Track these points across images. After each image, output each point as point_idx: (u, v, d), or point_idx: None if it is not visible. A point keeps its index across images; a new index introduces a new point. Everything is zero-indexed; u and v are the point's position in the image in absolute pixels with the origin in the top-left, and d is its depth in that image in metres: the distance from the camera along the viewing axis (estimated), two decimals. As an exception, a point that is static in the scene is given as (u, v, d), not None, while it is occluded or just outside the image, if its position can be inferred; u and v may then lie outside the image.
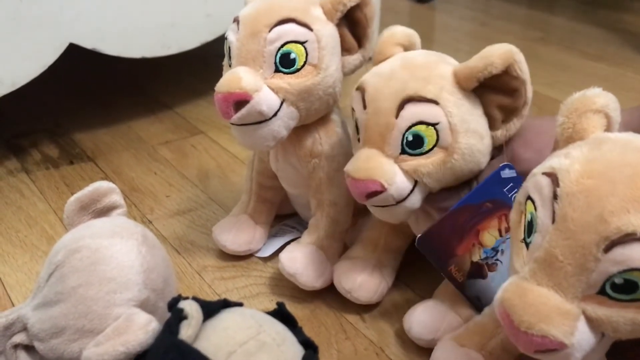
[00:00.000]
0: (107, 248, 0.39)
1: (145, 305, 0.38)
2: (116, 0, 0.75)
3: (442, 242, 0.47)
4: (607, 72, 1.06)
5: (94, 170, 0.76)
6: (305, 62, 0.49)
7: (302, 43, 0.48)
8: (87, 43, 0.74)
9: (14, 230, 0.64)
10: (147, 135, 0.84)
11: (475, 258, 0.46)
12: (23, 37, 0.70)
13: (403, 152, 0.44)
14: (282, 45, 0.48)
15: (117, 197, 0.44)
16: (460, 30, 1.30)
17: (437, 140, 0.43)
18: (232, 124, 0.49)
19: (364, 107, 0.45)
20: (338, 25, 0.51)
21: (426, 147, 0.43)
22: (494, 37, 1.19)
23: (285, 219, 0.65)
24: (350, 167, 0.45)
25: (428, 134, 0.43)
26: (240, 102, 0.47)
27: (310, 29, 0.49)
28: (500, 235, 0.46)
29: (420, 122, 0.43)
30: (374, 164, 0.44)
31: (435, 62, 0.45)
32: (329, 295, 0.54)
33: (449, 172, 0.44)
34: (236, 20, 0.50)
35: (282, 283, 0.56)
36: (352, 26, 0.52)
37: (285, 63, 0.48)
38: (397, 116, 0.43)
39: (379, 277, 0.52)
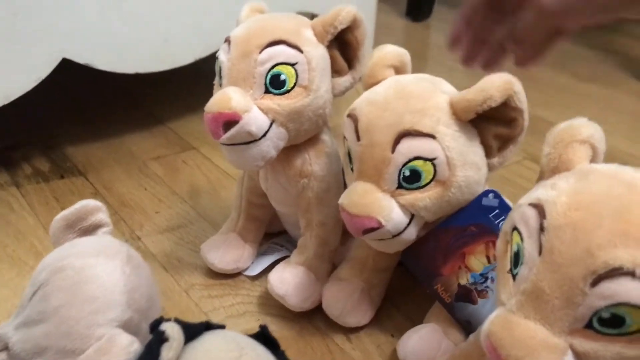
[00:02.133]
0: (90, 267, 0.38)
1: (128, 326, 0.38)
2: (110, 16, 0.75)
3: (427, 260, 0.47)
4: (600, 94, 1.06)
5: (84, 185, 0.76)
6: (295, 84, 0.49)
7: (292, 65, 0.48)
8: (80, 58, 0.74)
9: (1, 245, 0.64)
10: (139, 150, 0.84)
11: (463, 281, 0.46)
12: (17, 51, 0.70)
13: (399, 186, 0.43)
14: (273, 67, 0.48)
15: (103, 216, 0.44)
16: (454, 50, 1.31)
17: (435, 174, 0.43)
18: (222, 143, 0.49)
19: (358, 137, 0.44)
20: (329, 47, 0.51)
21: (423, 182, 0.43)
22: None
23: (274, 236, 0.65)
24: (345, 201, 0.44)
25: (425, 169, 0.43)
26: (230, 122, 0.47)
27: (301, 51, 0.49)
28: (489, 262, 0.45)
29: (418, 158, 0.42)
30: (370, 199, 0.43)
31: (430, 91, 0.44)
32: (316, 315, 0.54)
33: (446, 204, 0.44)
34: (227, 41, 0.51)
35: (269, 302, 0.56)
36: (343, 48, 0.52)
37: (275, 84, 0.49)
38: (393, 150, 0.42)
39: (368, 300, 0.52)
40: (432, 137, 0.42)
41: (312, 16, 1.02)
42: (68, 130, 0.89)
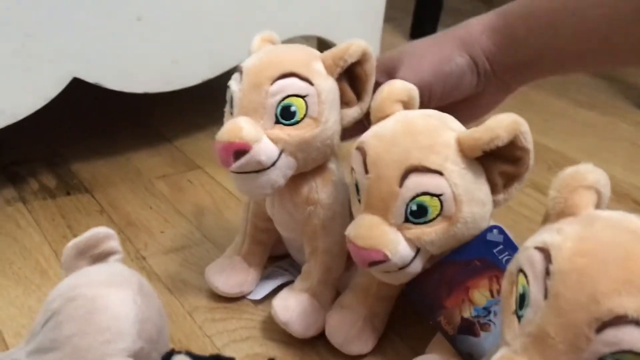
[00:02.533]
0: (103, 297, 0.39)
1: (138, 356, 0.38)
2: (120, 36, 0.76)
3: (430, 293, 0.48)
4: (599, 121, 1.07)
5: (90, 202, 0.76)
6: (305, 115, 0.50)
7: (302, 97, 0.50)
8: (90, 78, 0.75)
9: (7, 262, 0.65)
10: (145, 168, 0.84)
11: (466, 314, 0.47)
12: (27, 70, 0.71)
13: (406, 220, 0.44)
14: (284, 99, 0.49)
15: (114, 244, 0.44)
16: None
17: (441, 210, 0.44)
18: (232, 171, 0.50)
19: (366, 170, 0.45)
20: (338, 80, 0.52)
21: (430, 217, 0.44)
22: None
23: (277, 260, 0.65)
24: (352, 233, 0.45)
25: (432, 204, 0.43)
26: (240, 151, 0.48)
27: (311, 84, 0.50)
28: (492, 297, 0.46)
29: (425, 193, 0.43)
30: (377, 232, 0.44)
31: (438, 127, 0.45)
32: (319, 342, 0.54)
33: (452, 239, 0.45)
34: (240, 71, 0.52)
35: (273, 327, 0.56)
36: (352, 80, 0.53)
37: (285, 115, 0.50)
38: (400, 185, 0.43)
39: (370, 328, 0.53)
40: (440, 173, 0.43)
41: (317, 40, 1.04)
42: (74, 147, 0.89)
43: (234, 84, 0.52)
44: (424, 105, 0.51)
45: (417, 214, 0.44)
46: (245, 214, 0.62)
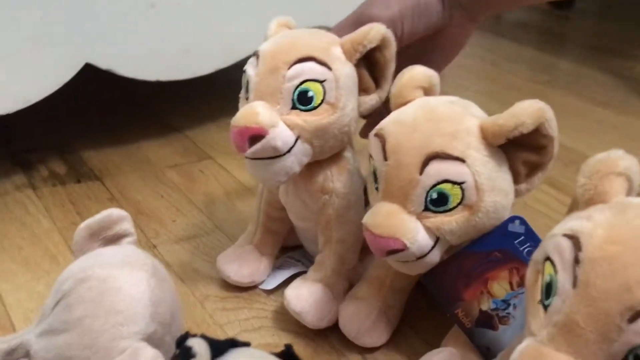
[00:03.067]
0: (115, 279, 0.38)
1: (151, 339, 0.38)
2: (134, 23, 0.76)
3: (448, 284, 0.47)
4: (615, 120, 1.06)
5: (100, 189, 0.76)
6: (322, 101, 0.49)
7: (320, 82, 0.49)
8: (102, 63, 0.75)
9: (16, 247, 0.64)
10: (156, 158, 0.84)
11: (484, 307, 0.46)
12: (40, 55, 0.70)
13: (426, 209, 0.43)
14: (301, 83, 0.48)
15: (127, 226, 0.44)
16: (469, 68, 1.31)
17: (462, 198, 0.43)
18: (246, 157, 0.49)
19: (385, 157, 0.44)
20: (357, 65, 0.51)
21: (450, 205, 0.43)
22: (503, 78, 1.20)
23: (289, 250, 0.65)
24: (370, 221, 0.44)
25: (453, 193, 0.42)
26: (256, 136, 0.47)
27: (330, 68, 0.49)
28: (512, 289, 0.45)
29: (446, 181, 0.42)
30: (395, 221, 0.43)
31: (461, 114, 0.44)
32: (332, 333, 0.53)
33: (472, 229, 0.44)
34: (256, 55, 0.51)
35: (285, 317, 0.55)
36: (371, 67, 0.52)
37: (302, 100, 0.49)
38: (421, 172, 0.42)
39: (384, 321, 0.52)
40: (462, 160, 0.42)
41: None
42: (85, 135, 0.89)
43: (250, 68, 0.51)
44: (396, 41, 0.51)
45: (437, 202, 0.43)
46: (259, 203, 0.61)
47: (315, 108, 0.49)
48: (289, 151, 0.49)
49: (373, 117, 0.54)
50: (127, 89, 1.03)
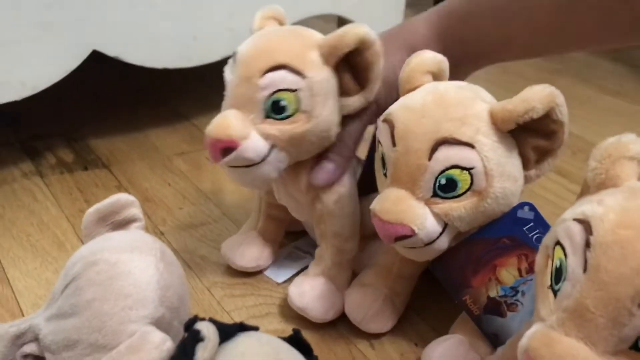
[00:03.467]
0: (125, 263, 0.38)
1: (160, 323, 0.38)
2: (141, 10, 0.75)
3: (456, 270, 0.47)
4: (625, 109, 1.05)
5: (108, 177, 0.76)
6: (296, 110, 0.48)
7: (293, 91, 0.47)
8: (110, 51, 0.75)
9: (25, 234, 0.64)
10: (163, 146, 0.84)
11: (492, 294, 0.46)
12: (47, 41, 0.70)
13: (434, 195, 0.43)
14: (273, 93, 0.47)
15: (136, 211, 0.44)
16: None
17: (471, 184, 0.42)
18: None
19: (393, 143, 0.44)
20: (337, 68, 0.49)
21: (459, 191, 0.42)
22: (513, 67, 1.19)
23: (295, 237, 0.64)
24: (378, 207, 0.44)
25: (462, 178, 0.42)
26: (228, 148, 0.47)
27: (304, 77, 0.47)
28: (520, 276, 0.45)
29: (455, 167, 0.42)
30: (404, 207, 0.42)
31: (470, 99, 0.44)
32: (339, 320, 0.53)
33: (481, 215, 0.43)
34: (234, 55, 0.50)
35: (292, 304, 0.55)
36: (354, 68, 0.50)
37: (276, 110, 0.47)
38: (430, 158, 0.42)
39: (391, 307, 0.52)
40: (471, 146, 0.42)
41: (338, 19, 1.02)
42: (92, 123, 0.89)
43: (228, 71, 0.50)
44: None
45: (446, 188, 0.42)
46: (260, 191, 0.61)
47: (289, 117, 0.48)
48: (263, 160, 0.48)
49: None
50: (135, 76, 1.03)
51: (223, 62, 0.83)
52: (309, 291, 0.52)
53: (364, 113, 0.52)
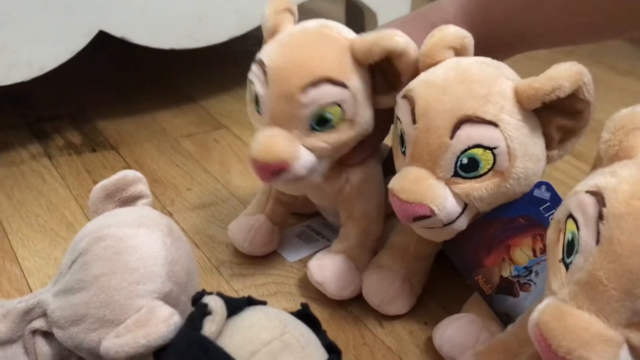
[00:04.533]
0: (132, 238, 0.38)
1: (167, 298, 0.37)
2: (148, -10, 0.75)
3: (469, 250, 0.46)
4: (636, 88, 1.04)
5: (116, 159, 0.76)
6: (341, 119, 0.47)
7: (338, 104, 0.46)
8: (116, 31, 0.74)
9: (34, 214, 0.64)
10: (171, 127, 0.84)
11: (505, 273, 0.45)
12: (53, 21, 0.70)
13: (455, 174, 0.41)
14: (318, 108, 0.46)
15: (143, 187, 0.43)
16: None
17: (494, 164, 0.41)
18: None
19: (413, 121, 0.42)
20: (370, 67, 0.48)
21: (481, 171, 0.41)
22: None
23: (307, 218, 0.64)
24: (396, 186, 0.42)
25: (484, 158, 0.41)
26: (279, 170, 0.46)
27: (346, 87, 0.46)
28: (535, 256, 0.44)
29: (478, 146, 0.40)
30: (423, 186, 0.41)
31: (494, 76, 0.42)
32: (348, 299, 0.53)
33: (502, 196, 0.42)
34: (261, 66, 0.47)
35: (301, 283, 0.55)
36: (384, 72, 0.48)
37: (321, 124, 0.46)
38: (452, 137, 0.40)
39: (409, 288, 0.51)
40: (495, 125, 0.40)
41: (346, 1, 1.01)
42: (100, 105, 0.89)
43: (257, 84, 0.47)
44: None
45: (468, 167, 0.41)
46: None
47: (334, 127, 0.47)
48: (313, 172, 0.48)
49: None
50: (142, 59, 1.03)
51: (230, 43, 0.84)
52: (330, 266, 0.52)
53: None
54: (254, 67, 0.48)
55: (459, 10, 0.50)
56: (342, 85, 0.46)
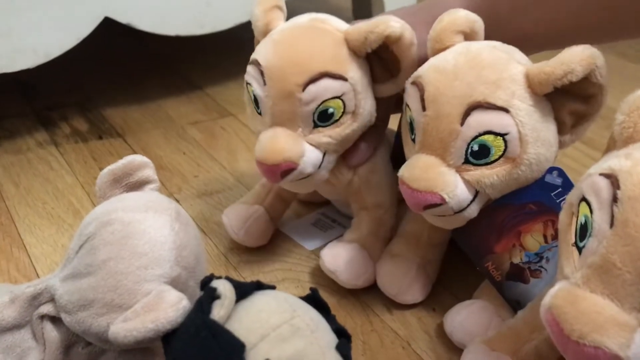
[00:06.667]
0: (139, 222, 0.38)
1: (176, 283, 0.37)
2: (154, -25, 0.74)
3: (479, 236, 0.46)
4: (648, 77, 1.03)
5: (122, 146, 0.75)
6: (343, 112, 0.46)
7: (339, 97, 0.46)
8: (122, 18, 0.74)
9: (41, 201, 0.64)
10: (177, 115, 0.83)
11: (516, 260, 0.45)
12: (59, 8, 0.69)
13: (466, 161, 0.41)
14: (320, 104, 0.45)
15: (150, 172, 0.43)
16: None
17: (505, 150, 0.40)
18: None
19: (423, 107, 0.42)
20: (367, 56, 0.47)
21: (492, 158, 0.40)
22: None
23: (320, 206, 0.64)
24: (406, 175, 0.42)
25: (495, 144, 0.40)
26: (287, 170, 0.46)
27: (345, 79, 0.45)
28: (546, 242, 0.43)
29: (488, 132, 0.40)
30: (434, 174, 0.41)
31: (505, 60, 0.41)
32: (357, 284, 0.53)
33: (514, 182, 0.42)
34: (257, 66, 0.47)
35: (308, 270, 0.55)
36: (383, 59, 0.48)
37: (323, 119, 0.46)
38: (462, 123, 0.40)
39: (424, 276, 0.51)
40: (506, 111, 0.39)
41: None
42: (106, 93, 0.88)
43: (255, 85, 0.47)
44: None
45: (479, 154, 0.40)
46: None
47: (337, 121, 0.47)
48: (319, 167, 0.48)
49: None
50: (148, 46, 1.02)
51: (236, 29, 0.83)
52: (343, 255, 0.51)
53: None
54: (250, 69, 0.48)
55: (464, 3, 0.49)
56: (341, 78, 0.45)
